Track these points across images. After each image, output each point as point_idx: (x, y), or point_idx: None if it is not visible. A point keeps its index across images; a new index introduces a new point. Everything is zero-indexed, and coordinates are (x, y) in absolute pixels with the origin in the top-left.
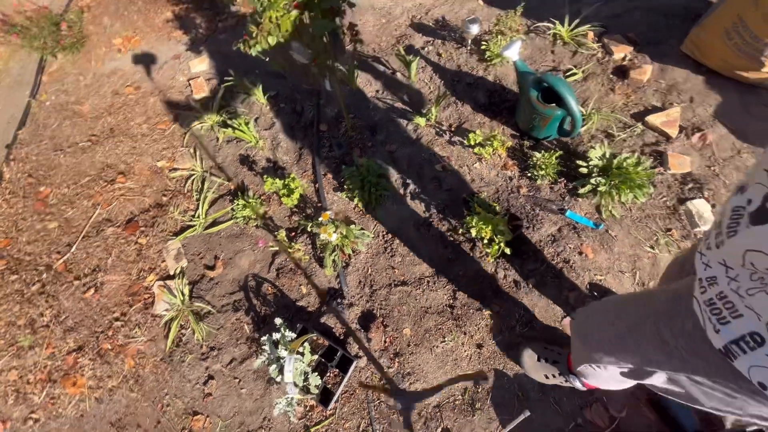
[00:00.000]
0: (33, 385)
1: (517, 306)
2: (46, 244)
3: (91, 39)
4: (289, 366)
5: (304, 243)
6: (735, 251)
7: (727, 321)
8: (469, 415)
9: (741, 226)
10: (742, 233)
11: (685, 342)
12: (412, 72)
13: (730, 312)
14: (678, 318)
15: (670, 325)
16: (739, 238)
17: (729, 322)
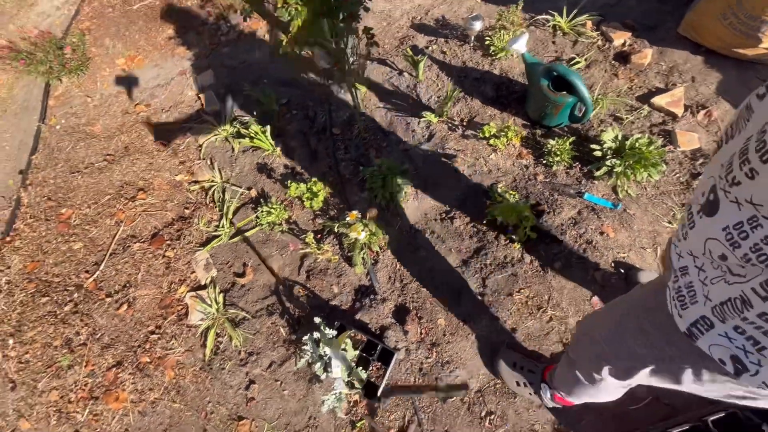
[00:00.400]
0: (75, 403)
1: (545, 289)
2: (73, 264)
3: (94, 61)
4: (337, 362)
5: (331, 244)
6: (697, 240)
7: (686, 306)
8: (511, 397)
9: (697, 216)
10: (698, 223)
11: (660, 332)
12: (419, 71)
13: (690, 299)
14: (657, 310)
15: (651, 318)
16: (697, 228)
17: (688, 307)
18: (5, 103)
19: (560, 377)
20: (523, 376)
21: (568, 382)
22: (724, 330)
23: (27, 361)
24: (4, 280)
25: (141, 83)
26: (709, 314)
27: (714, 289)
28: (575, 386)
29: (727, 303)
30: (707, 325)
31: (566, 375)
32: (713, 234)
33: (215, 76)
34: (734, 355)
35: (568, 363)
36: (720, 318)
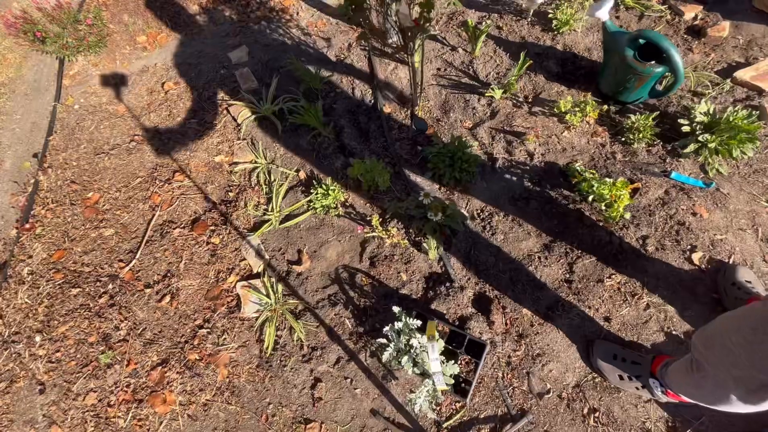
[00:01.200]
0: (116, 407)
1: (639, 274)
2: (105, 252)
3: (113, 38)
4: (434, 354)
5: (396, 228)
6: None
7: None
8: (614, 392)
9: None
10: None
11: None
12: (477, 46)
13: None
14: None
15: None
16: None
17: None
18: (14, 84)
19: (680, 380)
20: (626, 368)
21: (689, 387)
22: None
23: (58, 360)
24: (27, 271)
25: (166, 61)
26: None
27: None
28: (697, 393)
29: None
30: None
31: (687, 380)
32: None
33: (249, 54)
34: None
35: (692, 368)
36: None
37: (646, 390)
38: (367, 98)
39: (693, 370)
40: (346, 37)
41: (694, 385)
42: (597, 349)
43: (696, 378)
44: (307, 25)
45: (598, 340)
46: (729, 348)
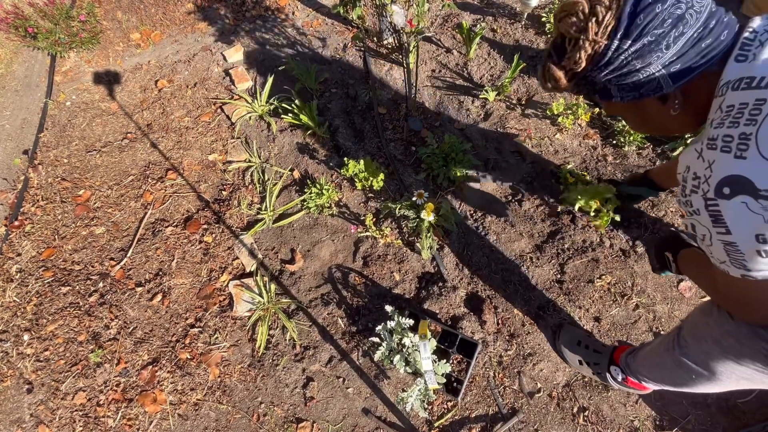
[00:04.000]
0: (105, 406)
1: (628, 275)
2: (96, 250)
3: (106, 35)
4: (426, 353)
5: (390, 228)
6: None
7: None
8: (604, 391)
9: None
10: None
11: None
12: (471, 48)
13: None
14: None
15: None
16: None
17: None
18: (3, 80)
19: (653, 362)
20: (587, 356)
21: (664, 367)
22: None
23: (47, 359)
24: (15, 269)
25: (160, 59)
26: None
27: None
28: (674, 373)
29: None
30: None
31: (662, 360)
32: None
33: (245, 53)
34: None
35: (670, 347)
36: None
37: (599, 377)
38: (361, 98)
39: (675, 347)
40: (342, 37)
41: (670, 364)
42: (563, 334)
43: (676, 355)
44: (302, 24)
45: (565, 325)
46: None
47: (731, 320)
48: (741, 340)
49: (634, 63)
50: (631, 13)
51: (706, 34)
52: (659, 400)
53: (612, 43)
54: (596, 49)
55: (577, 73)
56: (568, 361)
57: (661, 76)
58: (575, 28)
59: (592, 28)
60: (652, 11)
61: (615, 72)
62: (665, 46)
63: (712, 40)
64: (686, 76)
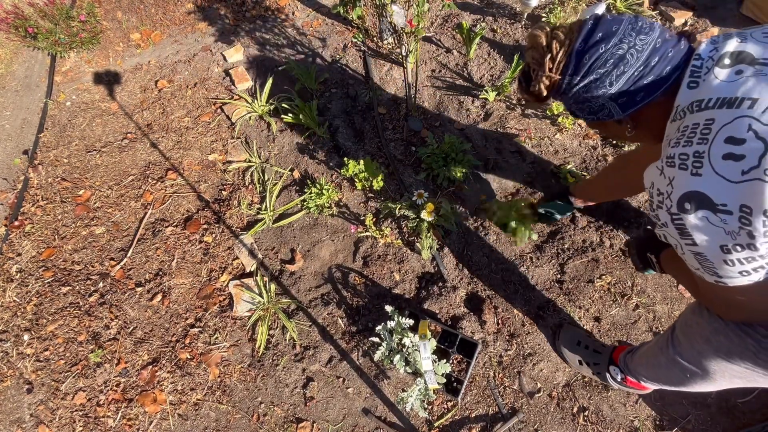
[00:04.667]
0: (105, 406)
1: (628, 275)
2: (96, 251)
3: (106, 35)
4: (426, 353)
5: (390, 228)
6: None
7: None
8: (603, 391)
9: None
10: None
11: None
12: (471, 48)
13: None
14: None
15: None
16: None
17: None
18: (4, 80)
19: (649, 361)
20: (587, 356)
21: (660, 367)
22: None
23: (47, 359)
24: (15, 269)
25: (160, 59)
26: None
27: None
28: (669, 372)
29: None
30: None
31: (657, 360)
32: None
33: (245, 53)
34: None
35: (664, 347)
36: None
37: (598, 377)
38: (361, 98)
39: (668, 346)
40: (342, 37)
41: (665, 363)
42: (563, 334)
43: (670, 354)
44: (302, 25)
45: (565, 325)
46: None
47: (720, 318)
48: (730, 338)
49: (584, 96)
50: (579, 52)
51: (647, 72)
52: (659, 400)
53: (564, 78)
54: (552, 82)
55: (543, 97)
56: (568, 361)
57: (611, 106)
58: (535, 62)
59: (547, 64)
60: (597, 52)
61: (571, 100)
62: (608, 84)
63: (654, 77)
64: (632, 107)
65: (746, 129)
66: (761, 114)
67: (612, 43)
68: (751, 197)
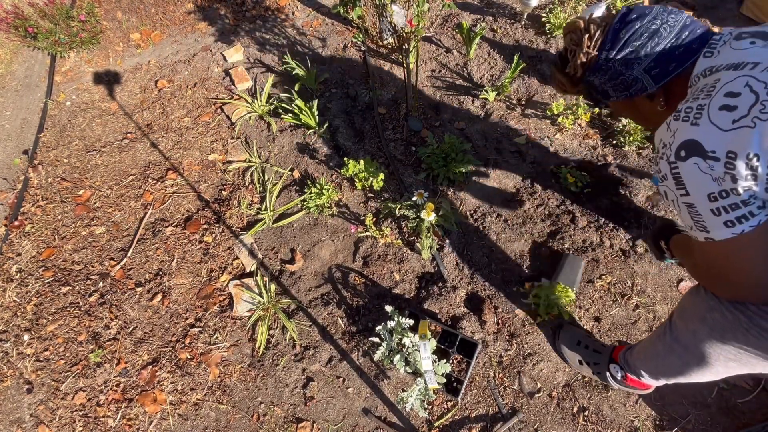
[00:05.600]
0: (105, 406)
1: (628, 275)
2: (95, 250)
3: (106, 35)
4: (426, 353)
5: (390, 228)
6: None
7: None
8: (603, 391)
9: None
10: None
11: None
12: (471, 48)
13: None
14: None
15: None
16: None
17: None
18: (3, 80)
19: (648, 353)
20: (587, 355)
21: (658, 356)
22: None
23: (47, 359)
24: (15, 269)
25: (160, 59)
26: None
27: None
28: (667, 360)
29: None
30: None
31: (655, 349)
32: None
33: (245, 53)
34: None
35: (662, 334)
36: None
37: (598, 377)
38: (362, 98)
39: (666, 332)
40: (342, 37)
41: (663, 351)
42: (563, 334)
43: (668, 340)
44: (302, 24)
45: (565, 325)
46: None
47: (716, 297)
48: (724, 314)
49: (620, 69)
50: (616, 29)
51: (678, 44)
52: (659, 400)
53: (602, 54)
54: (590, 59)
55: (578, 78)
56: (568, 361)
57: (644, 78)
58: (573, 42)
59: (586, 42)
60: (632, 27)
61: (607, 76)
62: (644, 55)
63: (684, 48)
64: (665, 78)
65: (743, 84)
66: (759, 73)
67: (647, 20)
68: (737, 143)
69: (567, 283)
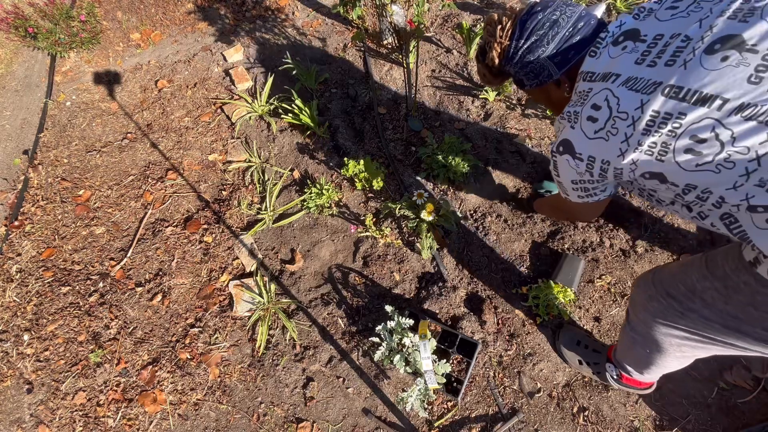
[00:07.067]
0: (105, 406)
1: (628, 275)
2: (95, 251)
3: (106, 35)
4: (426, 353)
5: (390, 228)
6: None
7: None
8: (603, 391)
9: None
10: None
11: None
12: (471, 48)
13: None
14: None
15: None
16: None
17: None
18: (4, 80)
19: (622, 348)
20: (587, 355)
21: (628, 348)
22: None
23: (47, 359)
24: (15, 269)
25: (160, 59)
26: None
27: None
28: (634, 351)
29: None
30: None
31: (623, 342)
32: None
33: (245, 53)
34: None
35: (625, 327)
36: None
37: (599, 377)
38: (362, 98)
39: (626, 324)
40: (342, 37)
41: (628, 343)
42: (563, 334)
43: (628, 332)
44: (302, 24)
45: (565, 325)
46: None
47: (653, 285)
48: (660, 301)
49: (528, 57)
50: (523, 20)
51: (575, 32)
52: (659, 400)
53: (512, 43)
54: (503, 48)
55: (495, 68)
56: (567, 361)
57: (549, 66)
58: (489, 34)
59: (498, 33)
60: (536, 18)
61: (518, 65)
62: (546, 42)
63: (581, 37)
64: (566, 65)
65: (603, 99)
66: (616, 88)
67: (548, 11)
68: (595, 150)
69: (566, 283)
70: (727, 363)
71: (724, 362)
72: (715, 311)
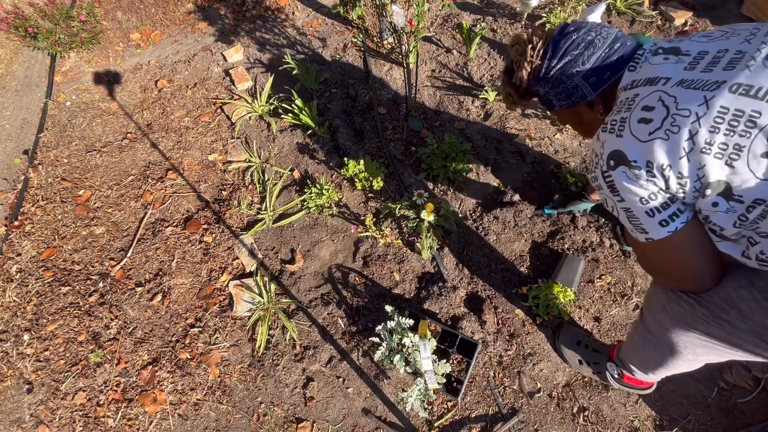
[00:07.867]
0: (105, 406)
1: (628, 275)
2: (95, 251)
3: (106, 35)
4: (426, 353)
5: (390, 228)
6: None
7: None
8: (603, 391)
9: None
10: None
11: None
12: (471, 48)
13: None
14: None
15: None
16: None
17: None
18: (4, 80)
19: (630, 348)
20: (587, 355)
21: (638, 349)
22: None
23: (47, 359)
24: (15, 269)
25: (160, 59)
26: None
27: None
28: (645, 352)
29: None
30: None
31: (634, 342)
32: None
33: (245, 53)
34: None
35: (637, 326)
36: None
37: (599, 376)
38: (362, 98)
39: (639, 324)
40: (342, 37)
41: (641, 344)
42: (563, 333)
43: (641, 332)
44: (302, 24)
45: (565, 325)
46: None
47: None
48: (683, 306)
49: (561, 77)
50: (556, 40)
51: (612, 53)
52: (659, 400)
53: (544, 63)
54: (533, 68)
55: (524, 88)
56: (567, 361)
57: (584, 86)
58: (518, 53)
59: (529, 52)
60: (570, 38)
61: (549, 85)
62: (581, 62)
63: (617, 58)
64: (601, 86)
65: (657, 99)
66: (670, 88)
67: (583, 32)
68: (654, 153)
69: (566, 283)
70: (727, 363)
71: (725, 362)
72: (752, 323)
